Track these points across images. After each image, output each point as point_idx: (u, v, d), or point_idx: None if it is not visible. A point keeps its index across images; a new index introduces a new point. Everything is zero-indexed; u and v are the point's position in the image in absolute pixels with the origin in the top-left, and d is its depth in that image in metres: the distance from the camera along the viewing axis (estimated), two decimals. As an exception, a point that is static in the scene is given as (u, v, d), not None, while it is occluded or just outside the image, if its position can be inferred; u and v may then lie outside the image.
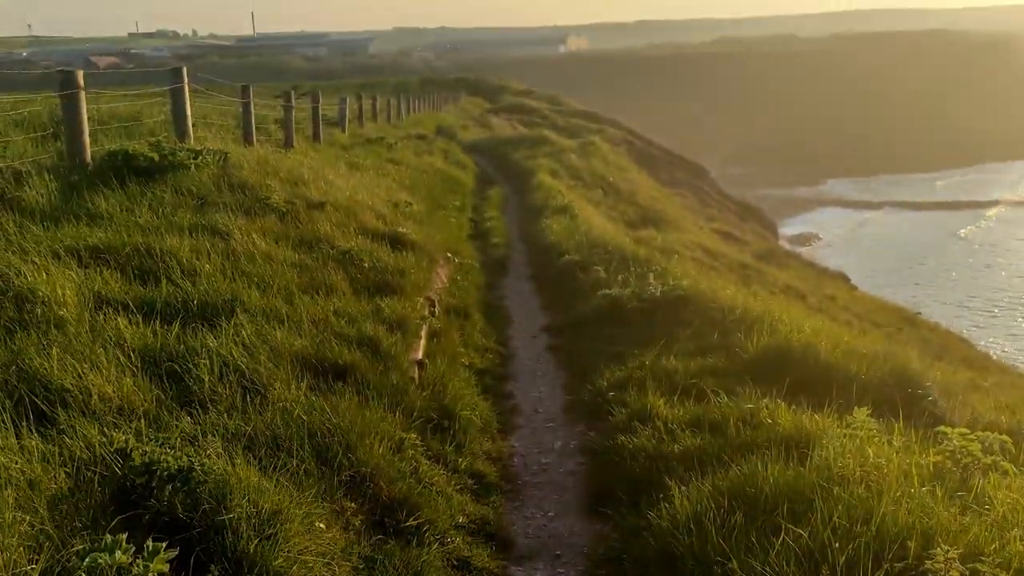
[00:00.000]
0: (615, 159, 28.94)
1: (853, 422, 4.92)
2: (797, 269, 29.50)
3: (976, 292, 53.72)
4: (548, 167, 20.43)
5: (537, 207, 15.07)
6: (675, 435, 5.27)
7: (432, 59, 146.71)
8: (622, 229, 18.50)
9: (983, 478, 4.15)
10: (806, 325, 7.23)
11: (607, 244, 11.20)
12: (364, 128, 19.97)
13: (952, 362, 19.44)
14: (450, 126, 32.09)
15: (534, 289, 10.57)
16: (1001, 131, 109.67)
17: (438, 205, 13.37)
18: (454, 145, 25.58)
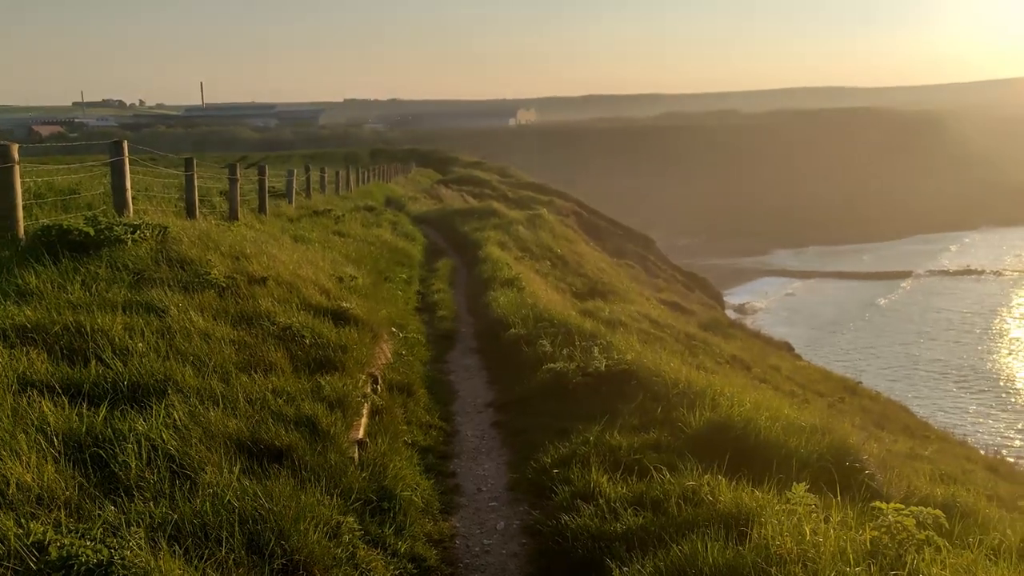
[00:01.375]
0: (563, 230, 29.29)
1: (792, 498, 4.96)
2: (742, 339, 29.88)
3: (905, 359, 55.21)
4: (496, 239, 20.57)
5: (485, 279, 15.11)
6: (618, 514, 5.24)
7: (383, 130, 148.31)
8: (570, 300, 18.63)
9: (917, 554, 4.18)
10: (747, 399, 7.30)
11: (553, 317, 11.24)
12: (312, 200, 19.98)
13: (893, 431, 19.81)
14: (400, 197, 32.26)
15: (480, 363, 10.53)
16: (927, 204, 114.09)
17: (385, 278, 13.34)
18: (403, 217, 25.68)
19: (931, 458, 15.82)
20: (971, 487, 10.86)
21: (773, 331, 48.69)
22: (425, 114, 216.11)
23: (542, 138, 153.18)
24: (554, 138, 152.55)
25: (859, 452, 6.56)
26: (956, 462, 17.21)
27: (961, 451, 21.29)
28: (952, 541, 4.62)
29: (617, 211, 63.88)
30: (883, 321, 66.63)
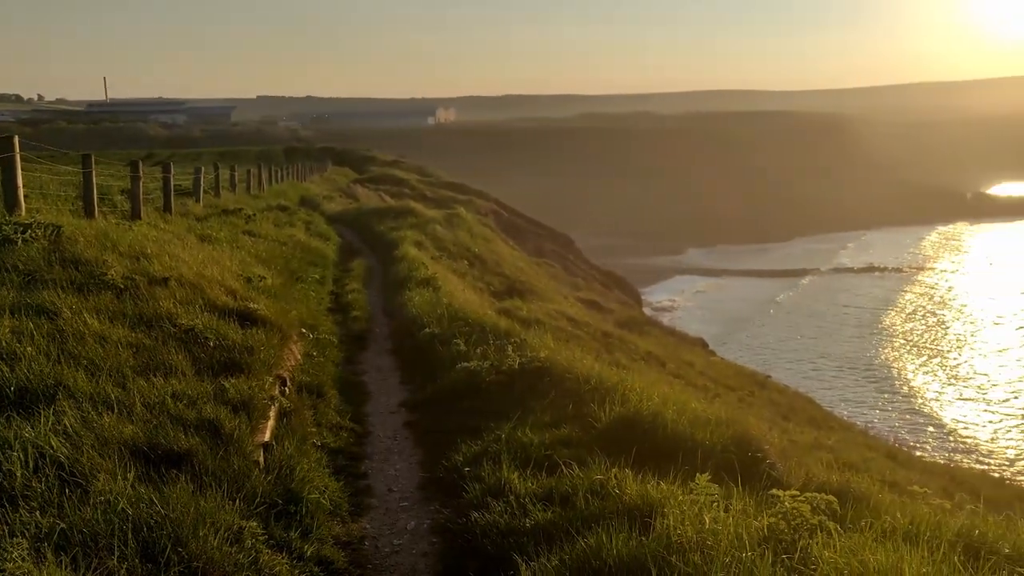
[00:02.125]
0: (481, 230, 29.33)
1: (695, 488, 5.08)
2: (658, 336, 30.52)
3: (810, 353, 57.33)
4: (413, 238, 20.46)
5: (400, 279, 15.01)
6: (527, 509, 5.27)
7: (298, 128, 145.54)
8: (487, 300, 18.68)
9: (811, 538, 4.33)
10: (655, 394, 7.43)
11: (469, 316, 11.24)
12: (222, 199, 19.48)
13: (799, 422, 20.51)
14: (315, 196, 31.76)
15: (394, 364, 10.45)
16: (831, 205, 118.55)
17: (297, 278, 13.11)
18: (318, 216, 25.29)
19: (834, 447, 16.45)
20: (869, 474, 11.33)
21: (688, 328, 49.90)
22: (342, 112, 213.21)
23: (462, 137, 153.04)
24: (474, 138, 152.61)
25: (761, 443, 6.76)
26: (858, 451, 17.93)
27: (863, 440, 22.20)
28: (844, 525, 4.80)
29: (537, 211, 64.33)
30: (788, 317, 69.01)
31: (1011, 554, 4.69)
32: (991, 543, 4.84)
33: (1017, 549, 4.78)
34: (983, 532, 5.04)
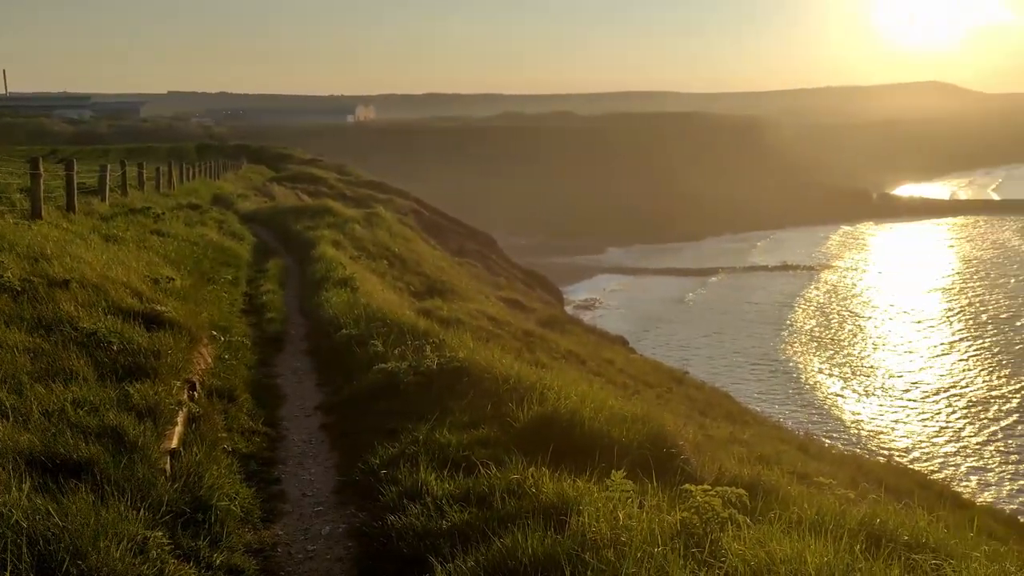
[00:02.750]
0: (401, 229, 29.11)
1: (611, 485, 5.14)
2: (579, 335, 30.83)
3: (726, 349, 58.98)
4: (331, 238, 20.16)
5: (317, 280, 14.77)
6: (444, 511, 5.24)
7: (211, 125, 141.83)
8: (407, 300, 18.54)
9: (721, 531, 4.43)
10: (573, 392, 7.48)
11: (387, 317, 11.13)
12: (129, 197, 18.82)
13: (716, 417, 20.98)
14: (228, 195, 31.00)
15: (311, 366, 10.27)
16: (745, 204, 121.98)
17: (208, 279, 12.75)
18: (231, 215, 24.68)
19: (749, 441, 16.88)
20: (781, 466, 11.66)
21: (608, 326, 50.61)
22: (258, 109, 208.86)
23: (382, 136, 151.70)
24: (394, 136, 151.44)
25: (676, 438, 6.87)
26: (771, 444, 18.44)
27: (776, 434, 22.86)
28: (754, 517, 4.92)
29: (459, 210, 64.27)
30: (703, 314, 70.79)
31: (909, 541, 4.88)
32: (891, 531, 5.03)
33: (915, 536, 4.98)
34: (884, 520, 5.23)
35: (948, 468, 37.79)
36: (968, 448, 40.70)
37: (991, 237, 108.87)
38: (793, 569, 3.78)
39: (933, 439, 41.97)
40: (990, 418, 44.84)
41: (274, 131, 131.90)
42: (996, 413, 45.54)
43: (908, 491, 16.14)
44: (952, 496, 21.37)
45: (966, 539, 5.14)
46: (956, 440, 41.80)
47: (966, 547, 4.72)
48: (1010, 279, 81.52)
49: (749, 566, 3.87)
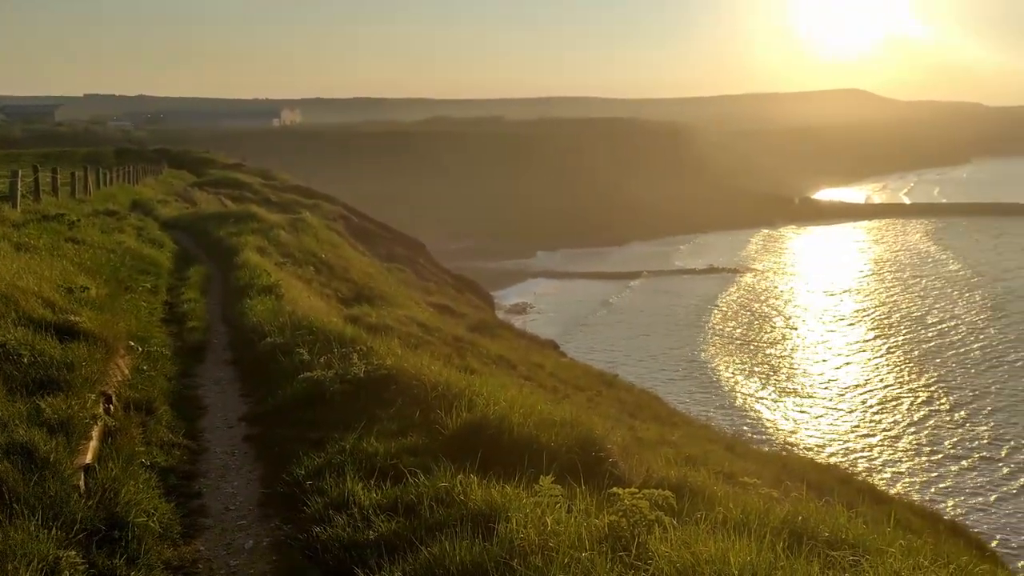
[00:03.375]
0: (328, 235, 28.71)
1: (540, 490, 5.14)
2: (509, 339, 30.85)
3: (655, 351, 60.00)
4: (255, 244, 19.75)
5: (241, 287, 14.43)
6: (371, 521, 5.18)
7: (130, 129, 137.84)
8: (335, 307, 18.28)
9: (648, 534, 4.47)
10: (502, 398, 7.47)
11: (313, 324, 10.94)
12: (43, 204, 18.13)
13: (645, 419, 21.24)
14: (148, 201, 30.14)
15: (234, 375, 10.04)
16: (670, 209, 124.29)
17: (126, 288, 12.35)
18: (151, 221, 24.00)
19: (677, 442, 17.12)
20: (709, 466, 11.87)
21: (540, 330, 50.86)
22: (178, 112, 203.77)
23: (309, 140, 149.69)
24: (321, 140, 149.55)
25: (604, 442, 6.92)
26: (699, 444, 18.73)
27: (704, 434, 23.25)
28: (681, 519, 4.99)
29: (388, 215, 63.84)
30: (632, 316, 71.86)
31: (830, 538, 5.01)
32: (812, 528, 5.15)
33: (835, 533, 5.11)
34: (806, 518, 5.35)
35: (867, 463, 39.09)
36: (884, 443, 42.18)
37: (902, 239, 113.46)
38: (717, 570, 3.84)
39: (852, 435, 43.38)
40: (903, 413, 46.59)
41: (196, 135, 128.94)
42: (909, 408, 47.35)
43: (830, 487, 16.58)
44: (871, 491, 22.10)
45: (884, 534, 5.30)
46: (873, 435, 43.28)
47: (883, 542, 4.86)
48: (919, 280, 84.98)
49: (675, 568, 3.91)
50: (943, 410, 46.72)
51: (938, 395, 49.27)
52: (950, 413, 46.26)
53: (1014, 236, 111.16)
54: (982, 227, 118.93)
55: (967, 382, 52.05)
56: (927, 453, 40.66)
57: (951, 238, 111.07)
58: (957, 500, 35.35)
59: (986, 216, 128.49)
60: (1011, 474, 38.02)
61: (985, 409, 46.76)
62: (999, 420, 45.07)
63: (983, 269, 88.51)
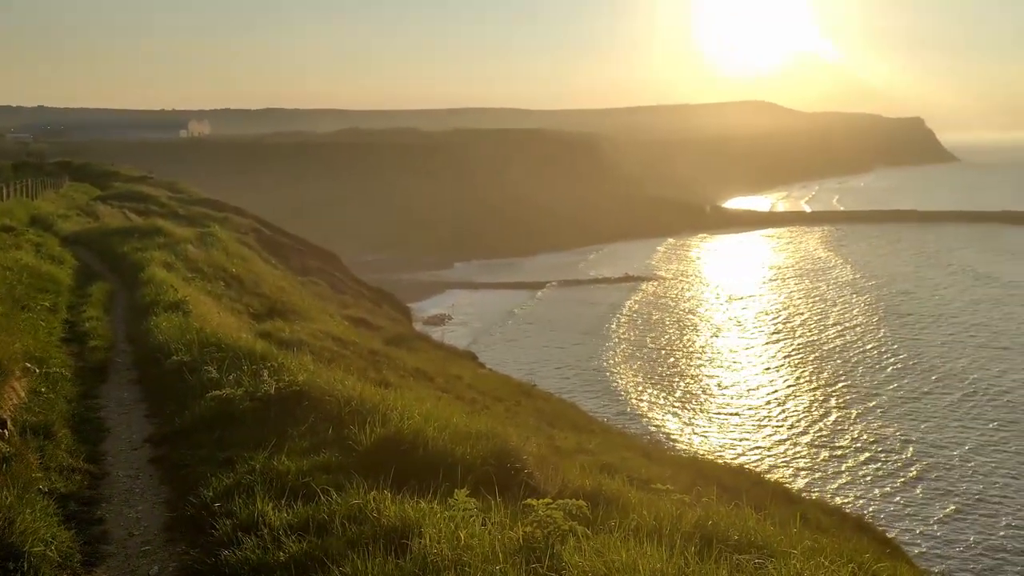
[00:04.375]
0: (239, 249, 28.03)
1: (454, 504, 5.12)
2: (427, 351, 30.67)
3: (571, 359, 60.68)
4: (162, 260, 19.12)
5: (147, 304, 13.95)
6: (281, 542, 5.07)
7: (29, 141, 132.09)
8: (246, 323, 17.83)
9: (562, 544, 4.49)
10: (416, 411, 7.42)
11: (222, 341, 10.66)
12: (-69, 220, 17.16)
13: (563, 428, 21.38)
14: (48, 215, 28.91)
15: (139, 396, 9.68)
16: (587, 218, 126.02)
17: (23, 307, 11.79)
18: (51, 237, 23.01)
19: (594, 450, 17.30)
20: (626, 473, 12.03)
21: (458, 341, 50.77)
22: (80, 124, 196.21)
23: (219, 152, 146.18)
24: (232, 152, 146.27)
25: (520, 453, 6.93)
26: (616, 451, 18.96)
27: (621, 440, 23.54)
28: (595, 527, 5.03)
29: (302, 228, 62.74)
30: (550, 325, 72.50)
31: (739, 540, 5.13)
32: (722, 532, 5.27)
33: (744, 535, 5.24)
34: (716, 522, 5.47)
35: (778, 464, 40.29)
36: (793, 443, 43.57)
37: (803, 247, 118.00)
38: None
39: (762, 437, 44.67)
40: (808, 413, 48.31)
41: (99, 147, 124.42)
42: (813, 408, 49.13)
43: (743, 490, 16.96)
44: (783, 492, 22.76)
45: (791, 535, 5.45)
46: (782, 436, 44.67)
47: (790, 543, 5.00)
48: (818, 285, 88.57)
49: (590, 575, 3.94)
50: (844, 408, 48.72)
51: (839, 394, 51.39)
52: (850, 411, 48.28)
53: (907, 242, 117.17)
54: (877, 233, 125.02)
55: (865, 380, 54.46)
56: (832, 451, 42.20)
57: (848, 245, 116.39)
58: (861, 495, 36.80)
59: (881, 223, 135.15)
60: (908, 468, 39.85)
61: (882, 406, 48.99)
62: (895, 416, 47.28)
63: (877, 274, 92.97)
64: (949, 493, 37.09)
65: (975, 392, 51.24)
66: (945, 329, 67.53)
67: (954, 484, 38.04)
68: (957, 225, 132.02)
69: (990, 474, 39.06)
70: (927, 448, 42.40)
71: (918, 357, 59.15)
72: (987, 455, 41.40)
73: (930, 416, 47.14)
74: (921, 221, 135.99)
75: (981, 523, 34.28)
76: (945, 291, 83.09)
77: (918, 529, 33.77)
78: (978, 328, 67.58)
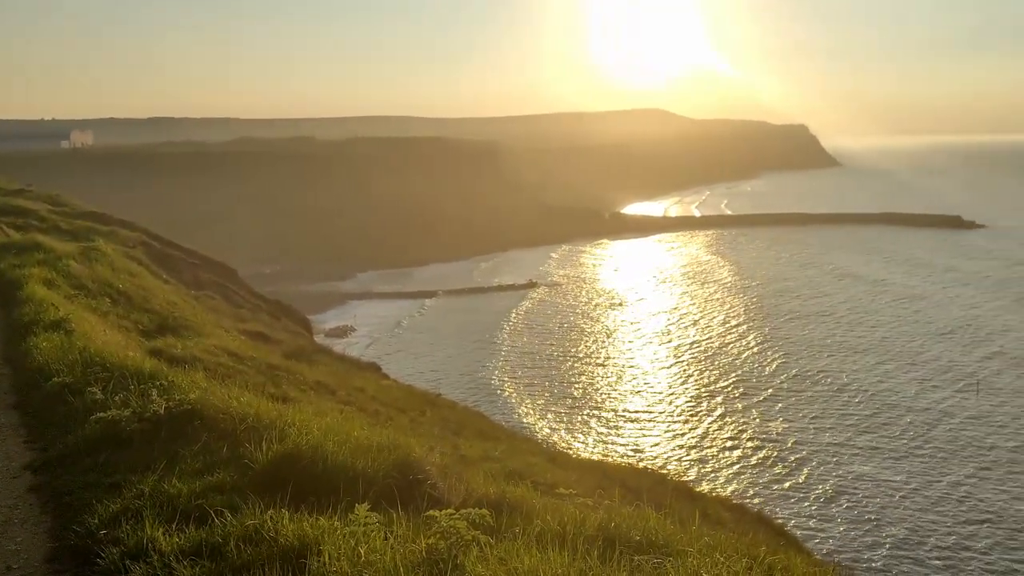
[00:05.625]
0: (126, 264, 26.88)
1: (355, 520, 5.00)
2: (329, 364, 30.13)
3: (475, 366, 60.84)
4: (42, 276, 18.12)
5: (25, 323, 13.20)
6: (172, 568, 4.86)
7: None
8: (136, 340, 17.10)
9: (466, 554, 4.45)
10: (315, 426, 7.25)
11: (108, 360, 10.18)
12: None
13: (469, 437, 21.35)
14: (-87, 233, 27.04)
15: (17, 421, 9.14)
16: (491, 226, 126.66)
17: None
18: (-83, 256, 21.48)
19: (500, 457, 17.32)
20: (531, 479, 12.06)
21: (361, 353, 50.11)
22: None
23: (104, 162, 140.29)
24: (119, 162, 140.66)
25: (423, 464, 6.85)
26: (522, 458, 19.05)
27: (527, 447, 23.69)
28: (500, 535, 5.00)
29: (197, 240, 60.85)
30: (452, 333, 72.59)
31: (641, 541, 5.18)
32: (624, 533, 5.32)
33: (646, 535, 5.30)
34: (618, 524, 5.52)
35: (678, 463, 41.32)
36: (692, 441, 44.80)
37: (691, 251, 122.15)
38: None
39: (663, 437, 45.73)
40: (701, 411, 49.87)
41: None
42: (705, 406, 50.74)
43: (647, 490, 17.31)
44: (685, 490, 23.32)
45: (690, 533, 5.55)
46: (681, 435, 45.89)
47: (688, 541, 5.08)
48: (704, 287, 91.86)
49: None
50: (733, 404, 50.61)
51: (727, 391, 53.38)
52: (738, 405, 50.18)
53: (786, 243, 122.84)
54: (760, 236, 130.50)
55: (750, 376, 56.70)
56: (728, 448, 43.67)
57: (733, 248, 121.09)
58: (752, 485, 38.24)
59: (764, 226, 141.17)
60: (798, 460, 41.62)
61: (767, 401, 51.07)
62: (779, 409, 49.35)
63: (759, 275, 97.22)
64: (829, 479, 39.05)
65: (847, 386, 54.13)
66: (821, 327, 71.18)
67: (831, 470, 40.09)
68: (837, 227, 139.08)
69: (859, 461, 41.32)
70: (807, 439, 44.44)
71: (796, 354, 62.08)
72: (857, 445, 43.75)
73: (808, 409, 49.47)
74: (802, 224, 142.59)
75: (860, 506, 36.36)
76: (822, 290, 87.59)
77: (805, 514, 35.40)
78: (850, 325, 71.38)
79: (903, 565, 31.75)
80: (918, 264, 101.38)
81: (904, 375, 56.35)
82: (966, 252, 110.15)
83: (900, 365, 58.60)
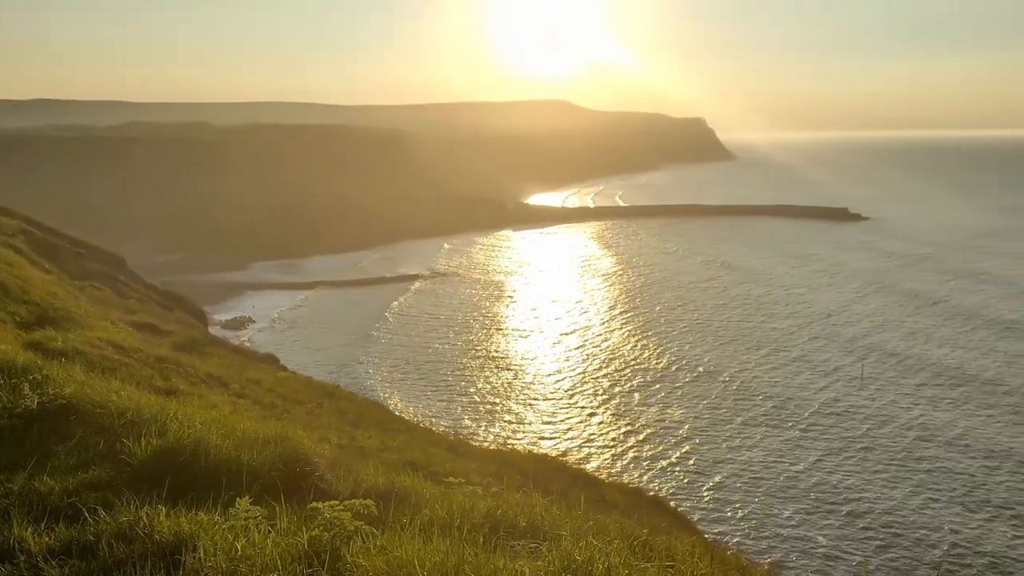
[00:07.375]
0: (3, 253, 25.52)
1: (236, 513, 4.90)
2: (223, 356, 29.33)
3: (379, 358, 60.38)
4: (-94, 266, 17.03)
5: None
6: (40, 569, 4.66)
7: None
8: (12, 333, 16.26)
9: (347, 545, 4.42)
10: (199, 419, 7.07)
11: (-24, 354, 9.63)
12: None
13: (367, 427, 21.18)
14: None
15: None
16: (393, 215, 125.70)
17: None
18: None
19: (399, 448, 17.27)
20: (431, 469, 12.05)
21: (259, 344, 49.00)
22: None
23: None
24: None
25: (310, 456, 6.76)
26: (421, 448, 19.03)
27: (427, 437, 23.65)
28: (386, 525, 4.98)
29: (85, 228, 58.41)
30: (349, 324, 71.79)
31: (527, 527, 5.26)
32: (511, 519, 5.38)
33: (531, 521, 5.38)
34: (505, 511, 5.58)
35: (579, 449, 42.04)
36: (589, 428, 45.65)
37: (578, 241, 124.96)
38: (408, 573, 3.87)
39: (562, 424, 46.40)
40: (597, 398, 50.90)
41: None
42: (599, 392, 51.84)
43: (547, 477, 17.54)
44: (584, 476, 23.73)
45: (575, 518, 5.66)
46: (579, 422, 46.68)
47: (573, 526, 5.19)
48: (587, 279, 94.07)
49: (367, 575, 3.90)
50: (630, 392, 51.83)
51: (623, 379, 54.63)
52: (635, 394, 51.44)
53: (673, 233, 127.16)
54: (649, 227, 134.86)
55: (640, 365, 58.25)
56: (626, 433, 44.70)
57: (623, 237, 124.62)
58: (648, 471, 39.33)
59: (654, 217, 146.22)
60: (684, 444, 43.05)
61: (665, 388, 52.53)
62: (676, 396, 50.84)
63: (642, 262, 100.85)
64: (719, 463, 40.56)
65: (718, 372, 56.33)
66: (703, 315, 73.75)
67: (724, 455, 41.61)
68: (723, 218, 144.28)
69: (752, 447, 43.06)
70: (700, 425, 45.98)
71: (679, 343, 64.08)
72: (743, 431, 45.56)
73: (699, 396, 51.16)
74: (688, 215, 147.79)
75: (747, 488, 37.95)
76: (703, 281, 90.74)
77: (696, 497, 36.68)
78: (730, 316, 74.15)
79: (788, 544, 33.23)
80: (799, 256, 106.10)
81: (791, 365, 58.80)
82: (846, 243, 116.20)
83: (772, 351, 61.33)
